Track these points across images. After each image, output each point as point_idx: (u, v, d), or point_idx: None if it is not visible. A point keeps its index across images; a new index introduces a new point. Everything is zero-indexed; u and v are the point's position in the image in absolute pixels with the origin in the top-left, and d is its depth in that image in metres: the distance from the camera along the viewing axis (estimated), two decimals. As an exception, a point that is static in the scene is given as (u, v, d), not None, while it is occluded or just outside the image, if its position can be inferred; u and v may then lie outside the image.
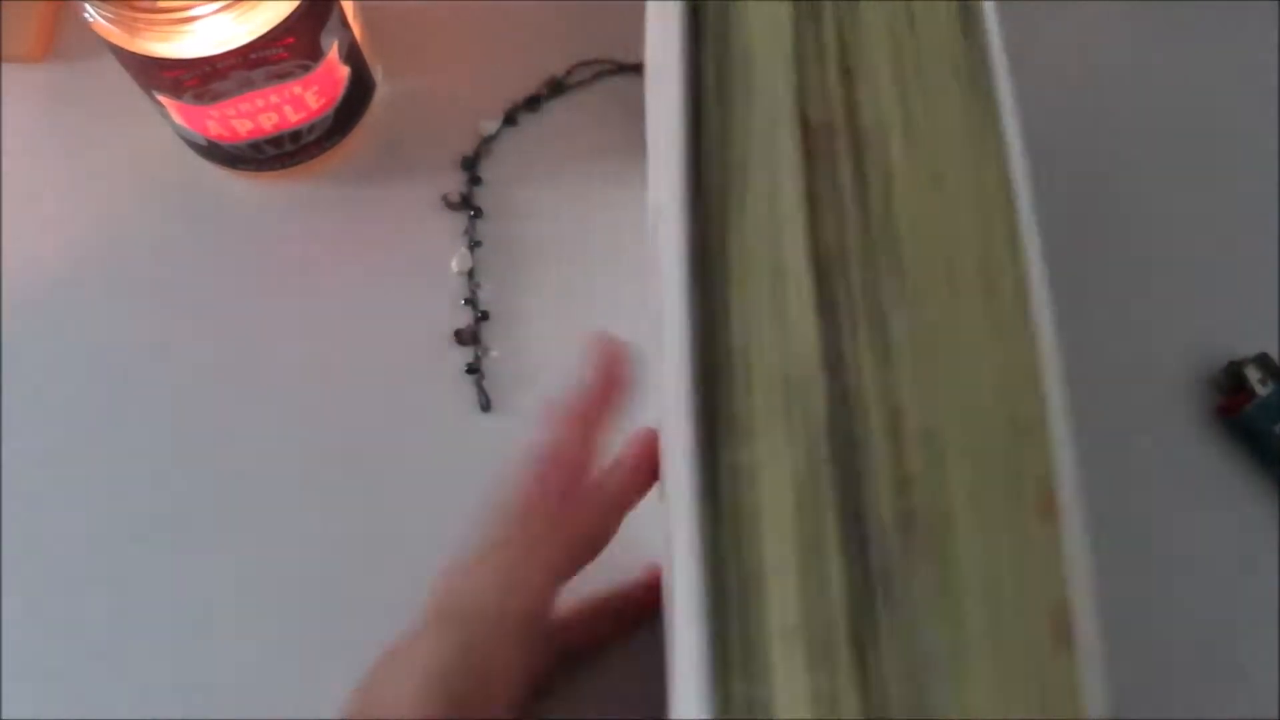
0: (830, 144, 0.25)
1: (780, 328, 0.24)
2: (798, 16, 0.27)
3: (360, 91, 0.45)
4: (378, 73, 0.47)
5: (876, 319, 0.24)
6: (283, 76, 0.41)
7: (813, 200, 0.25)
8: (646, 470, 0.34)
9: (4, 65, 0.48)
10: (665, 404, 0.26)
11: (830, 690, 0.22)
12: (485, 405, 0.42)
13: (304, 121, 0.43)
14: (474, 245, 0.45)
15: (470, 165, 0.46)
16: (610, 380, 0.35)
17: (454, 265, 0.45)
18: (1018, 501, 0.23)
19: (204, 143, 0.43)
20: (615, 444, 0.35)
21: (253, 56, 0.39)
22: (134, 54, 0.39)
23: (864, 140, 0.25)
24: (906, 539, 0.22)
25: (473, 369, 0.43)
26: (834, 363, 0.24)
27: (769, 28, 0.27)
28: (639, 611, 0.36)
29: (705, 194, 0.25)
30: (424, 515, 0.37)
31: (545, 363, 0.43)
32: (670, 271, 0.25)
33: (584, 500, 0.34)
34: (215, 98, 0.40)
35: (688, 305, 0.24)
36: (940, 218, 0.25)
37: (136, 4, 0.37)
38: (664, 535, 0.25)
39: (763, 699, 0.22)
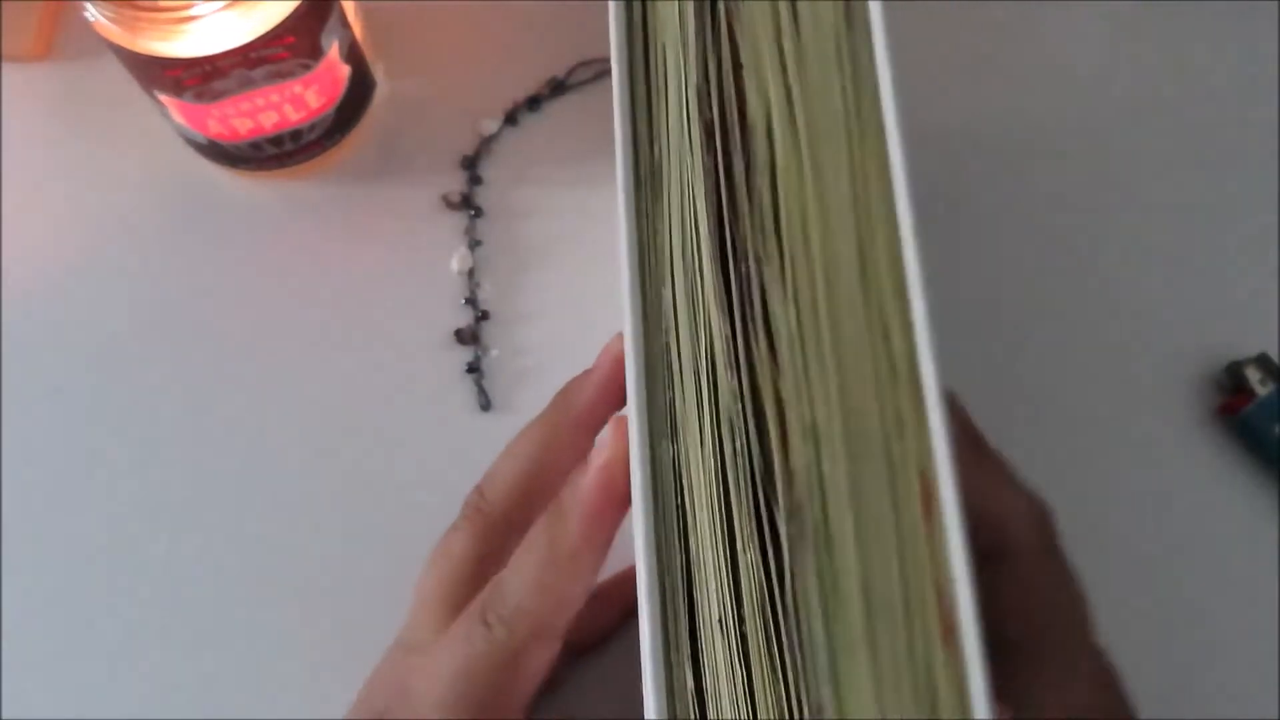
0: (726, 140, 0.26)
1: (694, 323, 0.25)
2: (698, 13, 0.27)
3: (361, 91, 0.45)
4: (378, 72, 0.47)
5: (767, 314, 0.25)
6: (283, 75, 0.41)
7: (714, 196, 0.25)
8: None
9: (4, 65, 0.48)
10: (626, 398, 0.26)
11: (752, 685, 0.22)
12: (485, 405, 0.42)
13: (304, 120, 0.43)
14: (474, 245, 0.45)
15: (470, 165, 0.46)
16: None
17: (454, 265, 0.45)
18: (900, 497, 0.23)
19: (204, 142, 0.43)
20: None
21: (253, 55, 0.39)
22: (135, 53, 0.39)
23: (752, 136, 0.26)
24: (799, 534, 0.23)
25: (473, 369, 0.43)
26: (736, 358, 0.24)
27: (675, 25, 0.27)
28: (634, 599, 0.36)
29: (641, 191, 0.26)
30: (423, 515, 0.37)
31: (545, 363, 0.43)
32: (621, 265, 0.26)
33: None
34: (216, 97, 0.40)
35: (634, 298, 0.26)
36: (820, 213, 0.25)
37: (138, 3, 0.37)
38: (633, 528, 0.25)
39: (704, 693, 0.23)
